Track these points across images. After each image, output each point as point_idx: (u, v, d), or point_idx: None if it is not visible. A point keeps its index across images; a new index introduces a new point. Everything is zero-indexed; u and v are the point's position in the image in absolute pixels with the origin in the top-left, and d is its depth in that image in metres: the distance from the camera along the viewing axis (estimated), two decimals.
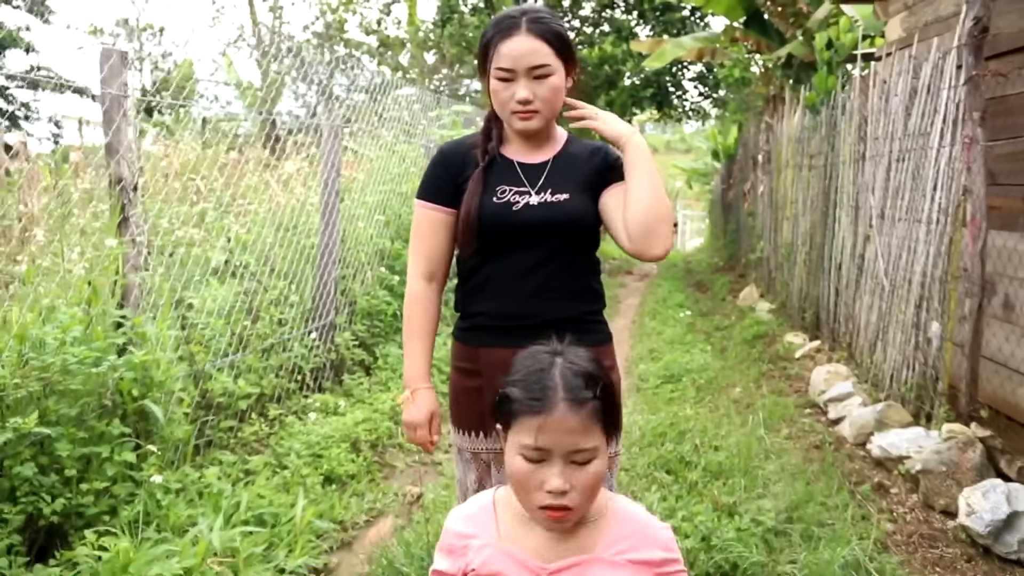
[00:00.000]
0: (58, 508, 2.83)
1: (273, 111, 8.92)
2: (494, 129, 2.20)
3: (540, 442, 1.39)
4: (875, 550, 3.47)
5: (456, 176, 2.17)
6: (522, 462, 1.42)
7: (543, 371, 1.45)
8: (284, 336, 4.88)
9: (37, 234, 4.50)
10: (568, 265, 2.15)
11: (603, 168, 2.17)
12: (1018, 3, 4.95)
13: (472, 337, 2.19)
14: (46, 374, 2.78)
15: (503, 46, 2.05)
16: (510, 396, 1.45)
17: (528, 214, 2.10)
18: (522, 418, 1.42)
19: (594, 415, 1.42)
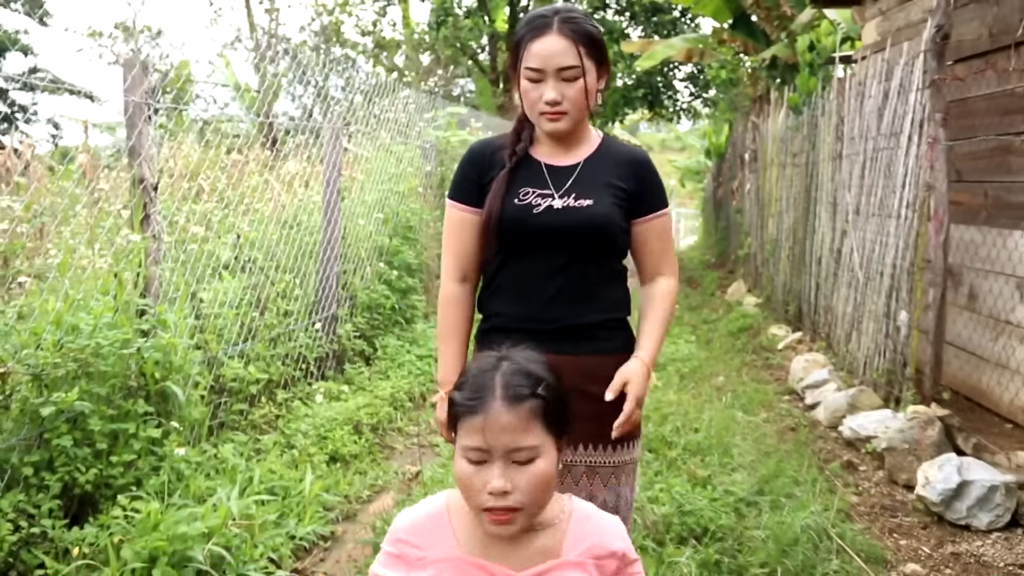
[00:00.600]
0: (90, 478, 3.13)
1: (271, 113, 9.20)
2: (525, 130, 2.18)
3: (478, 441, 1.38)
4: (839, 519, 3.77)
5: (482, 176, 2.16)
6: (465, 464, 1.41)
7: (485, 372, 1.45)
8: (289, 327, 5.18)
9: (53, 231, 4.78)
10: (590, 271, 2.11)
11: (640, 186, 2.15)
12: (979, 12, 5.26)
13: (490, 339, 2.15)
14: (81, 356, 3.07)
15: (534, 45, 2.03)
16: (454, 399, 1.45)
17: (548, 217, 2.08)
18: (464, 419, 1.41)
19: (534, 412, 1.40)
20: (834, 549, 3.47)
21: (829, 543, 3.52)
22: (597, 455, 2.13)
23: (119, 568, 2.74)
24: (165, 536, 2.75)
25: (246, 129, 8.15)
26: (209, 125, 8.30)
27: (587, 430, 2.07)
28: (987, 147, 5.25)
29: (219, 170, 5.61)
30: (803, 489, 4.09)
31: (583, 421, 1.92)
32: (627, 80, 16.68)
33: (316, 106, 7.22)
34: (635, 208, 2.13)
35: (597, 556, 1.48)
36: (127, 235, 3.69)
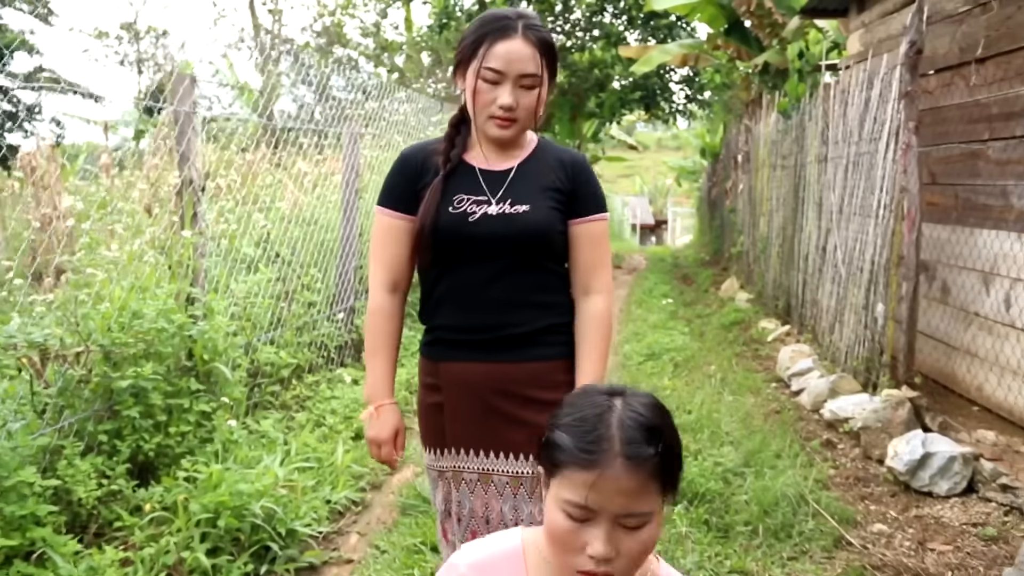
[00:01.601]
0: (153, 446, 3.54)
1: (275, 114, 9.58)
2: (459, 134, 2.10)
3: (589, 501, 1.21)
4: (816, 487, 4.21)
5: (415, 182, 2.08)
6: (564, 518, 1.24)
7: (599, 417, 1.25)
8: (313, 317, 5.60)
9: (89, 228, 5.19)
10: (530, 277, 2.06)
11: (576, 189, 2.10)
12: (949, 29, 5.70)
13: (434, 351, 2.11)
14: (147, 338, 3.49)
15: (498, 46, 1.95)
16: (557, 442, 1.27)
17: (485, 225, 2.01)
18: (569, 469, 1.24)
19: (654, 475, 1.23)
20: (811, 512, 3.90)
21: (806, 507, 3.95)
22: None
23: (186, 520, 3.16)
24: (227, 493, 3.17)
25: (265, 129, 8.56)
26: (216, 123, 8.71)
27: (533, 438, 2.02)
28: (957, 153, 5.69)
29: (234, 170, 6.01)
30: (785, 462, 4.52)
31: (529, 428, 1.97)
32: (624, 83, 17.10)
33: (327, 110, 7.64)
34: (570, 209, 2.08)
35: None
36: (178, 231, 4.11)
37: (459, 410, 2.07)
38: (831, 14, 8.12)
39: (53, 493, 3.04)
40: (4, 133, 23.62)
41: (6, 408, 3.02)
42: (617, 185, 41.46)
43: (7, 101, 26.91)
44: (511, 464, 2.06)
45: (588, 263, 2.10)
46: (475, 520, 2.10)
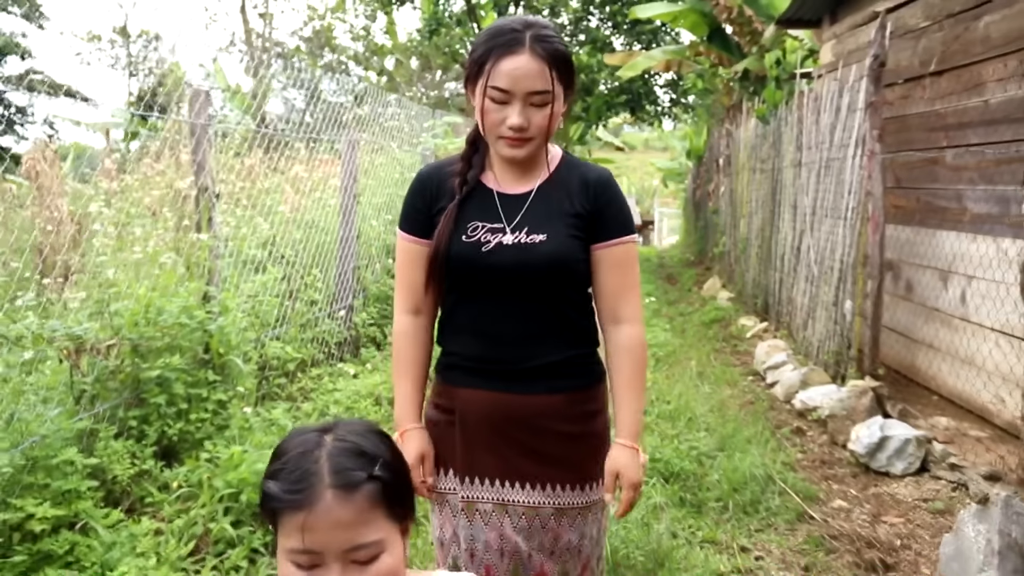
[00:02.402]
0: (176, 431, 3.88)
1: (272, 119, 9.88)
2: (476, 155, 2.02)
3: (307, 543, 1.15)
4: (784, 469, 4.58)
5: (431, 206, 2.00)
6: (294, 570, 1.17)
7: (305, 454, 1.19)
8: (315, 315, 5.94)
9: (89, 229, 5.50)
10: (550, 308, 1.96)
11: (600, 211, 1.97)
12: (911, 43, 6.08)
13: (450, 376, 2.04)
14: (171, 332, 3.83)
15: (503, 63, 1.82)
16: (267, 491, 1.20)
17: (500, 256, 1.91)
18: (284, 516, 1.17)
19: (372, 500, 1.18)
20: (777, 491, 4.27)
21: (774, 486, 4.32)
22: (566, 496, 2.00)
23: (211, 496, 3.49)
24: (247, 471, 3.52)
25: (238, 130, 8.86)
26: (215, 124, 9.00)
27: (557, 471, 1.99)
28: (919, 159, 6.07)
29: (235, 176, 6.31)
30: (756, 447, 4.89)
31: (553, 462, 1.97)
32: (610, 86, 17.49)
33: (321, 115, 7.97)
34: (593, 232, 1.97)
35: None
36: (188, 234, 4.45)
37: (476, 439, 2.00)
38: (806, 24, 8.51)
39: (91, 471, 3.38)
40: None
41: (50, 395, 3.35)
42: None
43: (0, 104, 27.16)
44: (526, 494, 1.98)
45: (615, 290, 1.98)
46: (490, 553, 2.03)
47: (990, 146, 5.00)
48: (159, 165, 6.30)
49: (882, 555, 3.62)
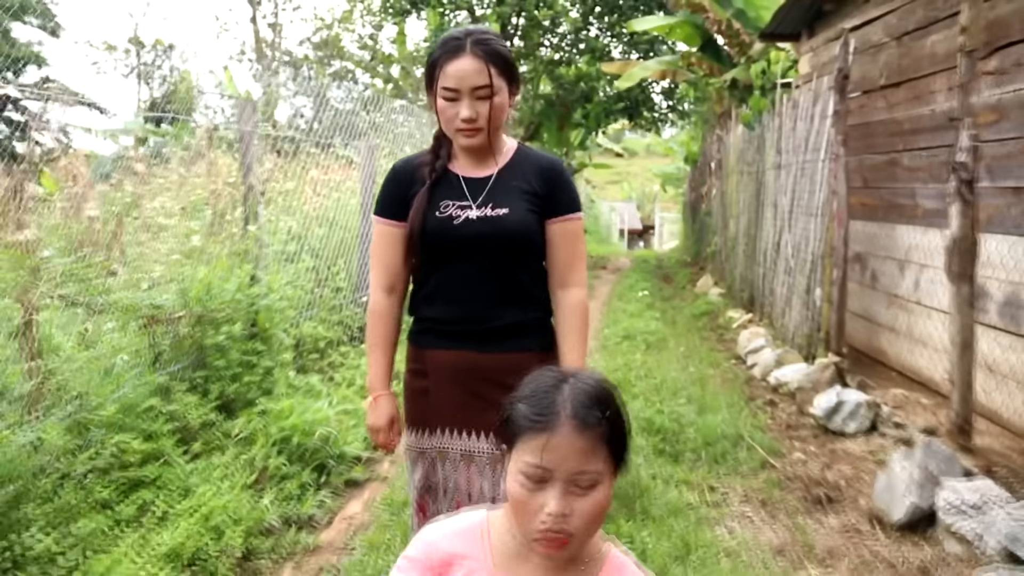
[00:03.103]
0: (232, 390, 4.58)
1: (288, 125, 10.57)
2: (443, 147, 2.30)
3: (544, 461, 1.34)
4: (754, 430, 5.26)
5: (405, 192, 2.27)
6: (523, 482, 1.37)
7: (551, 390, 1.40)
8: (340, 301, 6.65)
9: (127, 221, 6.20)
10: (511, 275, 2.25)
11: (552, 191, 2.28)
12: (874, 57, 6.79)
13: (422, 340, 2.31)
14: (229, 308, 4.53)
15: (449, 67, 2.13)
16: (515, 413, 1.41)
17: (468, 228, 2.20)
18: (526, 435, 1.37)
19: (601, 439, 1.36)
20: (745, 446, 4.96)
21: (743, 443, 5.02)
22: None
23: (266, 440, 4.19)
24: (297, 420, 4.22)
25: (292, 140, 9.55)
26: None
27: None
28: (881, 161, 6.77)
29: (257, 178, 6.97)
30: (731, 412, 5.58)
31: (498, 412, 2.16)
32: (608, 92, 18.20)
33: (339, 121, 8.68)
34: (547, 209, 2.28)
35: None
36: (226, 226, 5.16)
37: (444, 394, 2.26)
38: (786, 38, 9.21)
39: (169, 417, 4.07)
40: (16, 140, 24.60)
41: (135, 356, 4.05)
42: (606, 191, 42.53)
43: (16, 111, 27.92)
44: (491, 444, 2.23)
45: (565, 259, 2.30)
46: (459, 493, 2.29)
47: (936, 149, 5.69)
48: (195, 168, 7.00)
49: (828, 492, 4.31)
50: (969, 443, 4.40)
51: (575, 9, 18.51)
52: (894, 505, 3.94)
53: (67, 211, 7.75)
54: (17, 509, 3.03)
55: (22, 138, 25.89)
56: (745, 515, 4.10)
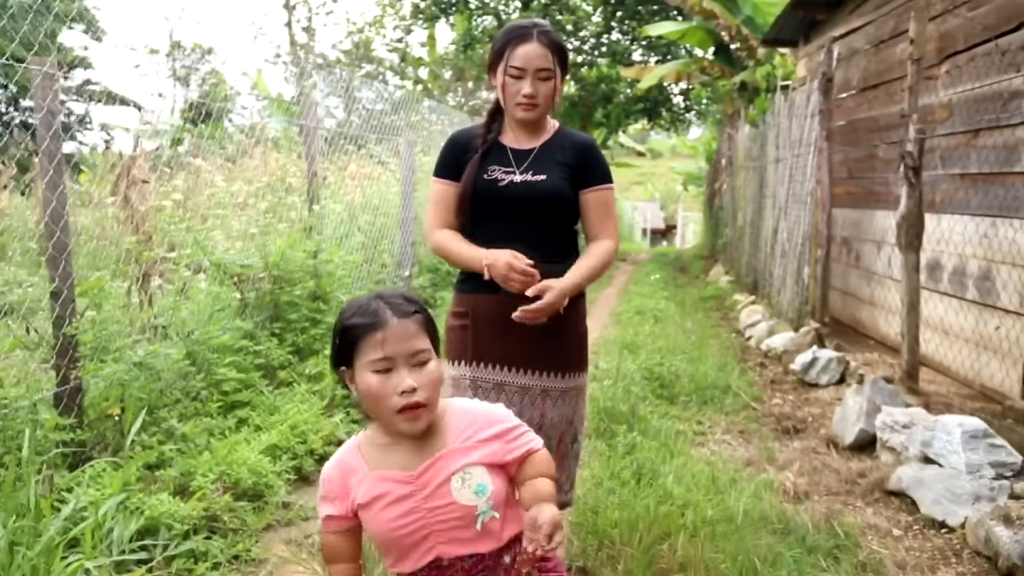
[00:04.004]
0: (302, 340, 5.52)
1: (309, 121, 11.54)
2: (495, 122, 2.64)
3: (386, 351, 1.63)
4: (741, 382, 6.15)
5: (460, 156, 2.62)
6: (373, 376, 1.64)
7: (370, 302, 1.70)
8: (385, 276, 7.60)
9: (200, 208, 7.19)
10: (547, 232, 2.58)
11: (585, 165, 2.61)
12: (857, 62, 7.64)
13: (467, 287, 2.63)
14: (299, 271, 5.48)
15: (518, 49, 2.48)
16: (348, 333, 1.67)
17: (511, 190, 2.54)
18: (365, 340, 1.65)
19: (421, 324, 1.69)
20: (732, 394, 5.84)
21: (731, 391, 5.90)
22: (551, 380, 2.62)
23: (333, 376, 5.12)
24: None
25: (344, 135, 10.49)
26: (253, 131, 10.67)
27: (545, 361, 2.60)
28: (863, 154, 7.63)
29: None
30: (724, 371, 6.46)
31: (543, 353, 2.59)
32: (628, 94, 19.08)
33: (379, 121, 9.63)
34: (579, 181, 2.61)
35: (480, 440, 1.74)
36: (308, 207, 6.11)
37: (482, 332, 2.60)
38: (785, 43, 10.08)
39: (255, 355, 5.01)
40: (69, 139, 25.84)
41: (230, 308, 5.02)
42: (630, 191, 43.28)
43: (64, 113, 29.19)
44: (520, 377, 2.59)
45: (598, 219, 2.65)
46: None
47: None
48: (253, 160, 7.98)
49: (795, 424, 5.21)
50: (916, 386, 5.26)
51: (597, 13, 19.43)
52: (846, 431, 4.82)
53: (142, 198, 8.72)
54: (160, 404, 4.00)
55: (70, 137, 26.87)
56: (725, 441, 4.99)
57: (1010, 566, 3.16)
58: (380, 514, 1.71)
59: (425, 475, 1.70)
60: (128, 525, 3.11)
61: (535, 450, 1.80)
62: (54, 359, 3.63)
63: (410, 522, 1.70)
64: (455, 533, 1.72)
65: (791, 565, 3.07)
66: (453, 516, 1.70)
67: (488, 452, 1.73)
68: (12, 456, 3.15)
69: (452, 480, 1.70)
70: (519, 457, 1.77)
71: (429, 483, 1.70)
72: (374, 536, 1.75)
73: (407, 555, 1.74)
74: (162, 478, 3.59)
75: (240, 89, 27.52)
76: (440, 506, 1.70)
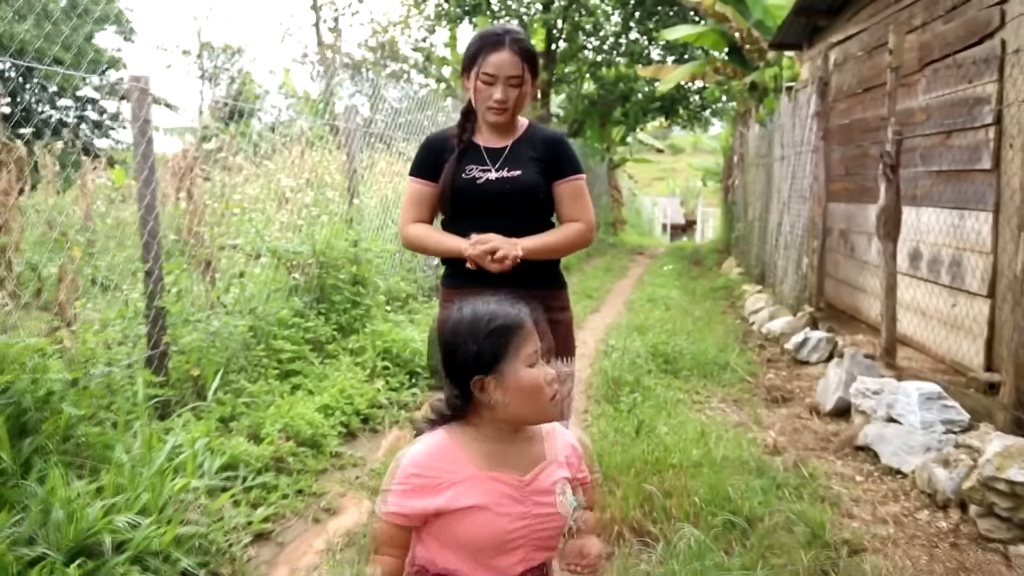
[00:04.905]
0: (344, 319, 6.21)
1: (349, 124, 12.21)
2: (469, 122, 2.74)
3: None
4: (740, 360, 6.78)
5: (437, 157, 2.72)
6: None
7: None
8: (415, 265, 8.29)
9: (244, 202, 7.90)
10: (526, 226, 2.67)
11: (556, 158, 2.73)
12: (853, 67, 8.24)
13: (455, 281, 2.71)
14: (342, 258, 6.16)
15: (491, 57, 2.59)
16: (498, 330, 1.66)
17: (489, 186, 2.65)
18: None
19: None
20: (730, 370, 6.48)
21: (729, 367, 6.53)
22: None
23: (374, 350, 5.81)
24: (394, 336, 5.85)
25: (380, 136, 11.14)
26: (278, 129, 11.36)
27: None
28: (858, 153, 8.22)
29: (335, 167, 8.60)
30: (724, 350, 7.09)
31: None
32: (645, 92, 19.69)
33: (404, 118, 10.30)
34: (552, 173, 2.72)
35: (567, 456, 1.80)
36: (349, 200, 6.80)
37: None
38: (791, 47, 10.66)
39: (305, 330, 5.70)
40: (101, 136, 26.84)
41: (283, 289, 5.72)
42: (651, 187, 43.77)
43: (95, 111, 30.14)
44: None
45: (571, 208, 2.76)
46: None
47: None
48: (291, 157, 8.66)
49: (783, 395, 5.84)
50: (893, 361, 5.87)
51: (616, 14, 20.03)
52: (827, 399, 5.45)
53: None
54: (230, 369, 4.70)
55: (104, 134, 27.78)
56: (719, 408, 5.63)
57: (945, 499, 3.80)
58: (489, 519, 1.67)
59: (535, 482, 1.71)
60: (214, 461, 3.80)
61: (591, 479, 1.87)
62: (148, 327, 4.33)
63: (517, 527, 1.69)
64: (546, 542, 1.74)
65: (760, 495, 3.72)
66: (553, 525, 1.72)
67: (572, 469, 1.79)
68: (121, 403, 3.85)
69: (555, 491, 1.73)
70: (583, 481, 1.83)
71: (538, 492, 1.71)
72: (466, 540, 1.68)
73: (493, 559, 1.70)
74: (236, 427, 4.29)
75: (268, 88, 28.28)
76: (545, 515, 1.71)
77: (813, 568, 3.08)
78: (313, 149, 8.60)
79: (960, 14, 5.80)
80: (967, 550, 3.40)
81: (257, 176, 7.74)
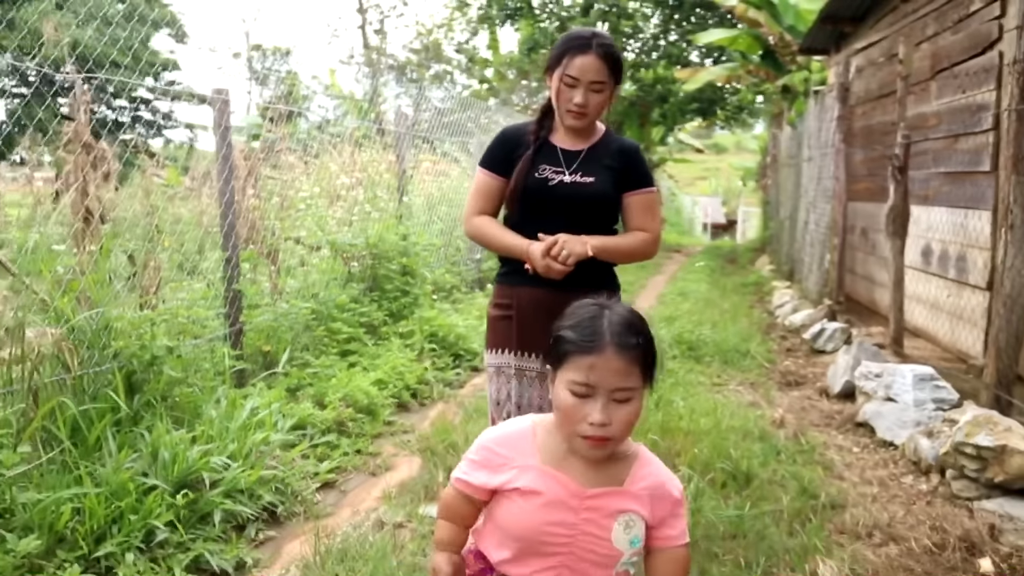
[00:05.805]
0: (395, 306, 6.81)
1: (381, 120, 12.86)
2: (547, 120, 2.70)
3: (589, 379, 1.61)
4: (761, 349, 7.26)
5: (511, 152, 2.68)
6: (569, 396, 1.63)
7: (594, 318, 1.66)
8: (459, 260, 8.88)
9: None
10: (590, 232, 2.62)
11: (630, 169, 2.70)
12: (872, 73, 8.67)
13: (512, 279, 2.70)
14: (393, 249, 6.77)
15: (576, 59, 2.53)
16: (564, 338, 1.65)
17: (560, 189, 2.62)
18: (574, 357, 1.63)
19: (636, 360, 1.63)
20: (750, 357, 6.97)
21: (750, 355, 7.02)
22: None
23: (422, 334, 6.40)
24: (441, 321, 6.44)
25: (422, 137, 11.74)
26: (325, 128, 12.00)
27: None
28: (878, 154, 8.64)
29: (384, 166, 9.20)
30: (746, 340, 7.57)
31: None
32: (683, 92, 20.11)
33: (452, 121, 10.88)
34: (624, 184, 2.67)
35: (655, 495, 1.71)
36: (399, 198, 7.40)
37: (526, 323, 2.66)
38: (819, 52, 11.09)
39: (360, 315, 6.30)
40: (154, 136, 27.87)
41: (340, 277, 6.34)
42: (693, 187, 43.97)
43: (149, 111, 31.23)
44: None
45: (640, 222, 2.73)
46: (532, 408, 2.70)
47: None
48: (341, 158, 9.28)
49: (796, 379, 6.33)
50: (901, 349, 6.33)
51: (656, 15, 20.49)
52: (835, 383, 5.94)
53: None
54: (296, 347, 5.33)
55: (158, 133, 28.56)
56: (736, 391, 6.13)
57: (928, 466, 4.28)
58: (533, 508, 1.70)
59: (596, 500, 1.69)
60: (286, 422, 4.41)
61: (684, 544, 1.77)
62: (226, 308, 4.97)
63: (558, 532, 1.69)
64: (587, 567, 1.71)
65: (760, 457, 4.24)
66: (599, 551, 1.70)
67: (654, 511, 1.72)
68: (205, 372, 4.48)
69: (617, 519, 1.69)
70: (672, 539, 1.75)
71: (595, 509, 1.69)
72: (507, 524, 1.73)
73: (529, 558, 1.74)
74: (303, 395, 4.91)
75: (316, 89, 29.05)
76: (594, 535, 1.69)
77: (797, 512, 3.60)
78: (361, 149, 9.21)
79: (965, 26, 6.24)
80: (939, 506, 3.88)
81: (308, 175, 8.36)
